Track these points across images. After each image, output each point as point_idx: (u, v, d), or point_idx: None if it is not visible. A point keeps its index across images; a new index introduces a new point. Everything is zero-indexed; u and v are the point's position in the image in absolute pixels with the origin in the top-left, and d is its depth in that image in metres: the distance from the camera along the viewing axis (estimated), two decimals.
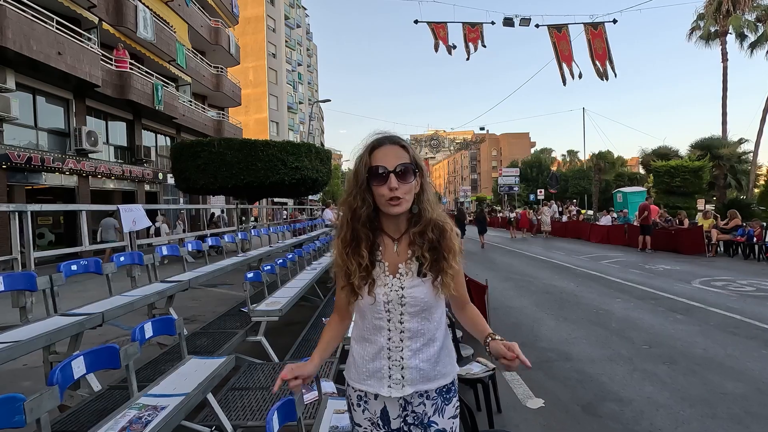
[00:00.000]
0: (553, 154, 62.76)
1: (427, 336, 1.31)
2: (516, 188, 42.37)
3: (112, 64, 15.58)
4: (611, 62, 14.64)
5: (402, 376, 1.30)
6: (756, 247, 11.52)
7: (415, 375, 1.30)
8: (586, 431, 3.19)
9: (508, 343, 1.25)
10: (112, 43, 16.22)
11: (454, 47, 14.69)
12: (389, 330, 1.30)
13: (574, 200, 18.67)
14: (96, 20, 15.14)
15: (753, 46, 25.09)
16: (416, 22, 14.50)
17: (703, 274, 9.32)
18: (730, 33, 25.72)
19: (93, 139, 14.90)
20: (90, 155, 15.27)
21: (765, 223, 12.09)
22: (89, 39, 14.41)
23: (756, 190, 23.75)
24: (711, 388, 3.78)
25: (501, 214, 32.17)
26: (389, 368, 1.30)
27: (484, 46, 14.74)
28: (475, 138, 74.31)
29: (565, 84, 15.02)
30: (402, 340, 1.29)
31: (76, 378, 1.71)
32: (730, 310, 6.30)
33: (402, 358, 1.29)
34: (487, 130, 64.78)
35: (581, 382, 4.02)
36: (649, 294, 7.60)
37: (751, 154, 25.84)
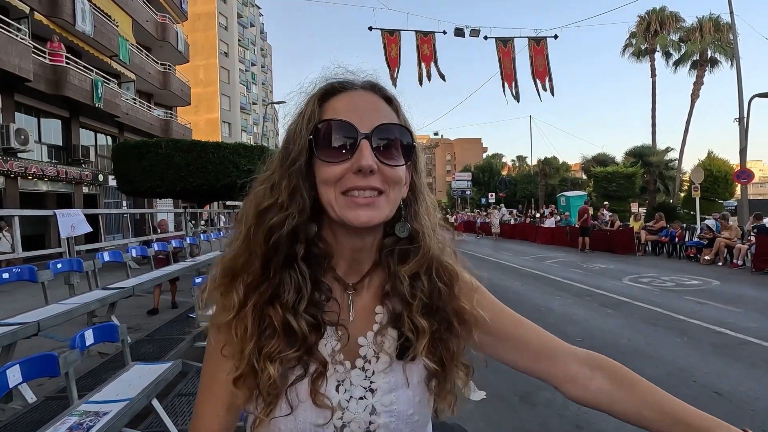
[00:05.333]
0: (504, 159, 65.53)
1: None
2: (468, 192, 43.79)
3: (45, 58, 14.52)
4: (550, 80, 15.73)
5: None
6: (678, 246, 12.72)
7: None
8: (521, 418, 3.45)
9: None
10: (46, 35, 15.10)
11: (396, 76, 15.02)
12: None
13: (606, 203, 18.30)
14: (27, 9, 14.05)
15: (677, 63, 27.63)
16: (370, 29, 14.73)
17: (632, 272, 10.16)
18: (658, 51, 28.17)
19: (23, 137, 13.79)
20: (19, 155, 14.12)
21: (685, 225, 13.38)
22: (19, 30, 13.36)
23: (681, 194, 26.10)
24: None
25: (453, 217, 33.17)
26: None
27: (442, 78, 15.31)
28: (430, 143, 75.93)
29: (506, 100, 16.02)
30: None
31: (11, 387, 1.67)
32: (653, 304, 6.95)
33: None
34: (442, 135, 66.48)
35: (521, 375, 4.30)
36: (585, 291, 8.20)
37: (677, 161, 28.38)
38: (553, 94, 16.04)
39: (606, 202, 18.22)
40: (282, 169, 0.65)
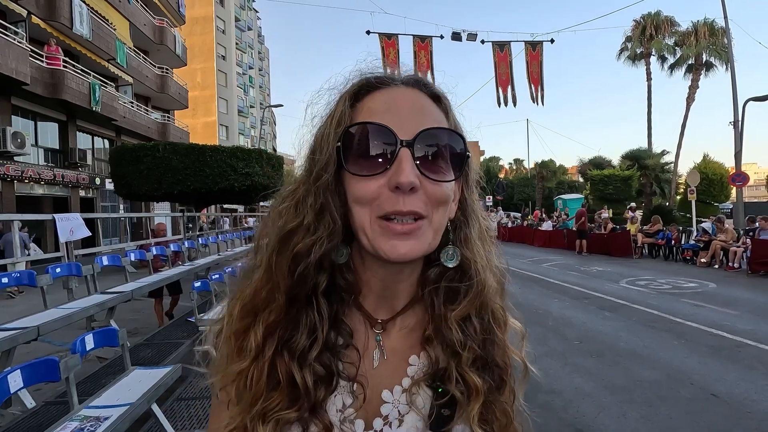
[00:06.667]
0: (501, 162, 65.76)
1: None
2: None
3: (42, 61, 14.50)
4: (542, 89, 15.91)
5: None
6: (674, 249, 12.79)
7: None
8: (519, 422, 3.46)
9: None
10: (43, 38, 15.08)
11: None
12: None
13: (632, 204, 17.52)
14: (24, 13, 14.04)
15: (672, 67, 27.82)
16: (368, 32, 14.80)
17: (629, 275, 10.21)
18: (653, 55, 28.37)
19: (19, 140, 13.73)
20: (15, 158, 14.07)
21: (681, 228, 13.46)
22: (16, 33, 13.34)
23: (677, 197, 26.23)
24: (630, 377, 4.21)
25: None
26: None
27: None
28: None
29: (499, 106, 16.14)
30: None
31: (12, 392, 1.67)
32: (650, 306, 6.99)
33: None
34: None
35: None
36: (583, 294, 8.23)
37: (673, 164, 28.55)
38: (543, 104, 16.27)
39: (632, 204, 18.03)
40: (308, 183, 0.55)
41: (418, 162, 0.51)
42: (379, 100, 0.55)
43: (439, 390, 0.55)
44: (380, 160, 0.51)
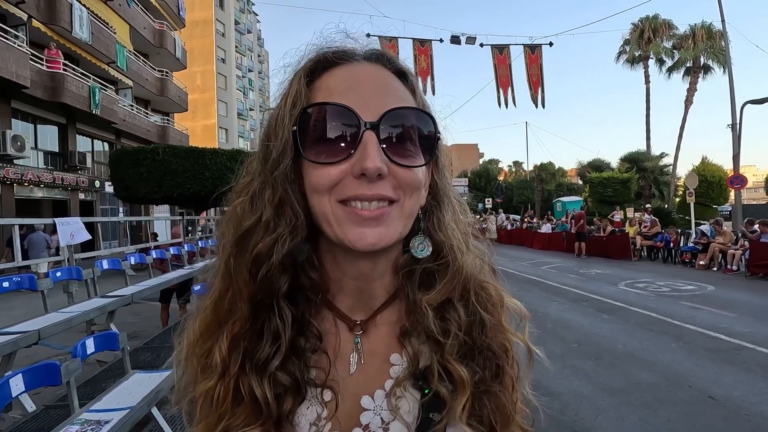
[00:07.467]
0: (500, 165, 65.95)
1: None
2: (465, 198, 43.71)
3: (43, 65, 14.54)
4: (542, 91, 15.98)
5: None
6: (673, 251, 12.81)
7: None
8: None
9: None
10: (44, 42, 15.13)
11: None
12: None
13: (647, 206, 17.04)
14: (25, 17, 14.09)
15: (670, 70, 27.97)
16: (368, 35, 14.78)
17: (628, 277, 10.23)
18: (651, 58, 28.49)
19: (19, 143, 13.76)
20: (15, 161, 14.10)
21: (680, 230, 13.50)
22: (16, 37, 13.38)
23: (676, 199, 26.28)
24: (628, 379, 4.23)
25: None
26: None
27: (432, 92, 15.42)
28: None
29: (500, 107, 16.23)
30: None
31: (14, 396, 1.68)
32: (648, 309, 7.01)
33: None
34: None
35: None
36: (581, 296, 8.24)
37: (671, 166, 28.63)
38: (543, 107, 16.33)
39: (648, 205, 18.02)
40: (263, 173, 0.49)
41: (384, 146, 0.46)
42: (338, 78, 0.50)
43: (426, 391, 0.49)
44: (342, 145, 0.46)
